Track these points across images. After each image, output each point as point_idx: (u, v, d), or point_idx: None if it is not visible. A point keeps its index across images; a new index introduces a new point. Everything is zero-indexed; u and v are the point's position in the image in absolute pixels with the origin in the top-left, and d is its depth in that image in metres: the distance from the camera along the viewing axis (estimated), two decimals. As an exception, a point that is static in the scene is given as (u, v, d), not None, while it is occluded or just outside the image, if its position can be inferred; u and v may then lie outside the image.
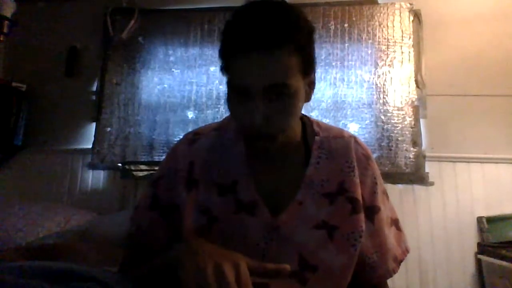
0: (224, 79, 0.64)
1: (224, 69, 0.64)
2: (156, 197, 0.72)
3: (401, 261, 0.73)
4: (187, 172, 0.70)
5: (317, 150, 0.71)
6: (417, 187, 1.78)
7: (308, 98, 0.69)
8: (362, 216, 0.68)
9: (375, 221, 0.71)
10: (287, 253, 0.64)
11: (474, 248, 1.68)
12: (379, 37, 1.95)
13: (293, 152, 0.71)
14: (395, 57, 1.91)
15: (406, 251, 0.75)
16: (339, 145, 0.72)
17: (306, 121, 0.76)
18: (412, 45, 1.91)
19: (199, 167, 0.70)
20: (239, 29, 0.59)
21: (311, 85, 0.68)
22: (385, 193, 0.76)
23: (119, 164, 1.96)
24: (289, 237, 0.65)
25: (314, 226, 0.66)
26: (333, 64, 1.95)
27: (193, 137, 0.74)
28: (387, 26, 1.95)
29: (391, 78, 1.90)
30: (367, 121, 1.88)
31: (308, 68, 0.63)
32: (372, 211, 0.71)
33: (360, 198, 0.69)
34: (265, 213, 0.66)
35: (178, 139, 2.15)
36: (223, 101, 2.00)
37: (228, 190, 0.68)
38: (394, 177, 1.77)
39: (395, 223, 0.76)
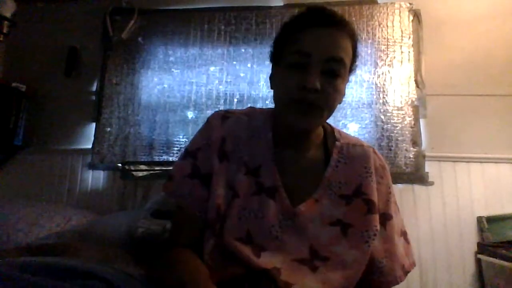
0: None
1: (281, 52, 0.69)
2: (196, 167, 0.74)
3: (408, 272, 0.75)
4: (219, 144, 0.73)
5: (337, 154, 0.75)
6: (417, 187, 1.78)
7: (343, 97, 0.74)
8: (377, 217, 0.70)
9: (387, 227, 0.74)
10: (300, 241, 0.67)
11: (474, 248, 1.68)
12: (378, 37, 1.95)
13: (313, 152, 0.75)
14: (394, 57, 1.91)
15: (413, 263, 0.77)
16: (358, 153, 0.76)
17: (327, 127, 0.80)
18: (412, 45, 1.91)
19: (230, 142, 0.73)
20: (311, 12, 0.67)
21: (345, 87, 0.72)
22: (396, 204, 0.80)
23: (119, 164, 1.96)
24: (303, 228, 0.68)
25: (328, 223, 0.69)
26: (333, 64, 1.94)
27: (225, 114, 0.77)
28: (387, 26, 1.95)
29: (391, 78, 1.90)
30: (367, 121, 1.88)
31: (352, 65, 0.71)
32: (385, 218, 0.74)
33: (376, 201, 0.71)
34: (284, 199, 0.69)
35: (178, 139, 2.14)
36: (223, 101, 2.00)
37: (252, 172, 0.71)
38: (394, 177, 1.76)
39: (404, 235, 0.79)
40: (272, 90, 0.74)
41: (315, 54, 0.64)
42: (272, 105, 0.76)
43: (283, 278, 0.62)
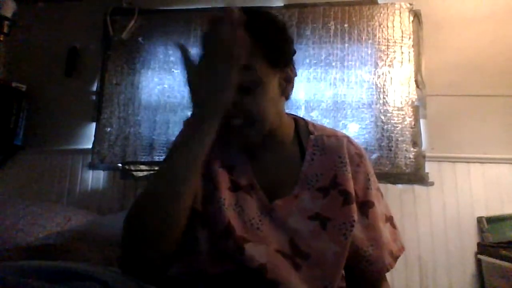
0: None
1: None
2: None
3: (398, 257, 0.74)
4: None
5: (311, 148, 0.75)
6: (417, 187, 1.78)
7: (285, 93, 0.73)
8: (353, 207, 0.70)
9: (369, 215, 0.73)
10: (280, 234, 0.67)
11: (474, 248, 1.68)
12: (379, 37, 1.95)
13: (288, 150, 0.75)
14: (395, 57, 1.91)
15: (402, 248, 0.76)
16: (332, 143, 0.76)
17: (300, 122, 0.80)
18: (412, 45, 1.91)
19: None
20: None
21: (287, 80, 0.71)
22: (379, 190, 0.78)
23: (119, 164, 1.96)
24: (282, 221, 0.68)
25: (308, 217, 0.68)
26: (333, 64, 1.95)
27: None
28: (387, 26, 1.95)
29: (391, 78, 1.90)
30: (367, 121, 1.88)
31: (276, 60, 0.68)
32: (366, 206, 0.73)
33: (352, 191, 0.71)
34: (261, 195, 0.70)
35: (178, 139, 2.11)
36: (223, 101, 2.00)
37: (227, 169, 0.71)
38: (394, 177, 1.77)
39: (390, 220, 0.78)
40: None
41: None
42: None
43: (270, 276, 0.62)
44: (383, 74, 1.91)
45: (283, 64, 0.70)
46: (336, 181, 0.71)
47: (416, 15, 1.95)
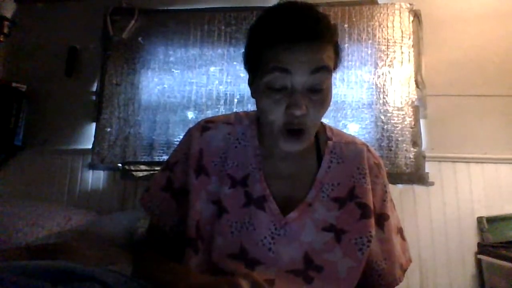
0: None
1: (256, 62, 0.64)
2: (170, 180, 0.73)
3: (406, 270, 0.74)
4: (197, 158, 0.71)
5: (329, 154, 0.72)
6: (417, 187, 1.78)
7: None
8: (371, 221, 0.68)
9: (385, 229, 0.72)
10: (293, 250, 0.65)
11: (474, 248, 1.68)
12: (379, 37, 1.95)
13: (305, 154, 0.72)
14: (395, 57, 1.91)
15: (410, 260, 0.76)
16: (351, 152, 0.73)
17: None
18: (412, 45, 1.91)
19: (209, 155, 0.71)
20: (285, 21, 0.59)
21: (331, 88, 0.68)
22: (392, 201, 0.77)
23: (119, 165, 1.96)
24: (296, 235, 0.65)
25: (322, 229, 0.66)
26: (333, 64, 1.94)
27: (205, 125, 0.75)
28: (387, 26, 1.95)
29: (391, 78, 1.90)
30: (367, 121, 1.88)
31: (337, 64, 0.66)
32: (382, 219, 0.72)
33: (370, 204, 0.69)
34: (274, 209, 0.67)
35: (178, 139, 2.15)
36: (223, 101, 2.00)
37: (239, 183, 0.69)
38: (394, 177, 1.77)
39: (400, 232, 0.77)
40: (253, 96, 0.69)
41: (296, 72, 0.59)
42: None
43: None
44: (383, 74, 1.91)
45: (337, 66, 0.67)
46: (354, 193, 0.69)
47: (416, 15, 1.95)
